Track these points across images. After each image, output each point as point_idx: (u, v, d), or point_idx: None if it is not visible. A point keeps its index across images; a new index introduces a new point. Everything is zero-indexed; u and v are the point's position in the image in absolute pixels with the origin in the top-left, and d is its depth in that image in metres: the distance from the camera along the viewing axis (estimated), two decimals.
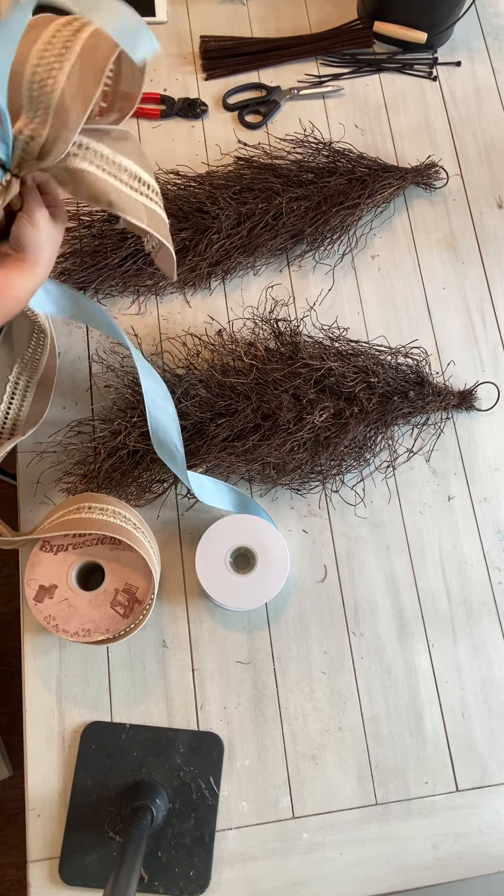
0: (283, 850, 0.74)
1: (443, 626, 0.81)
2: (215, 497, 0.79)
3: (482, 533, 0.85)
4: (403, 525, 0.85)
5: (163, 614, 0.80)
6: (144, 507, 0.83)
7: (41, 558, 0.74)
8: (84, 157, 0.58)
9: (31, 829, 0.73)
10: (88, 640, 0.73)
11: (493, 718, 0.79)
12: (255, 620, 0.80)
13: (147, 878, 0.71)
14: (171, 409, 0.74)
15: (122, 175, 0.60)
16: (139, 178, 0.62)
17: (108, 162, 0.59)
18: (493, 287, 0.95)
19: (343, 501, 0.85)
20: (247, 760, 0.76)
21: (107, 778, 0.74)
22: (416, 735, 0.78)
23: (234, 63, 1.02)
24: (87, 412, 0.86)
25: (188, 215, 0.90)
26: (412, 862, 0.75)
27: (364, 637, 0.81)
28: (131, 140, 0.61)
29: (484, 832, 0.76)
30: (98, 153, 0.59)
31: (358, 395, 0.84)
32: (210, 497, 0.78)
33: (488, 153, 1.01)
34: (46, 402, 0.83)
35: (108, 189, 0.59)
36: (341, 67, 1.03)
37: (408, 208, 0.98)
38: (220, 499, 0.79)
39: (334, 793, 0.76)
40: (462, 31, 1.06)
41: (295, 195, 0.92)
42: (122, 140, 0.60)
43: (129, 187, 0.61)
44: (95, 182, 0.58)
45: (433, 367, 0.90)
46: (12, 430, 0.82)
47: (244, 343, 0.87)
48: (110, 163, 0.59)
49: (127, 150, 0.61)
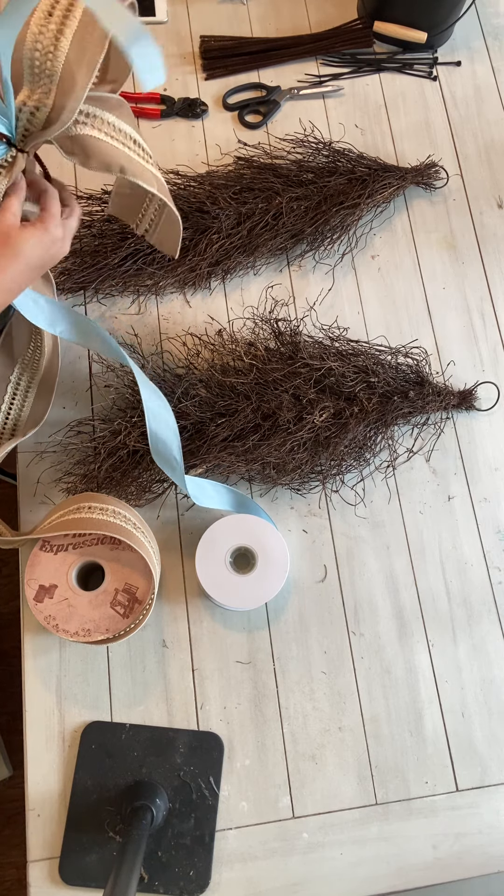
0: (283, 850, 0.74)
1: (443, 626, 0.81)
2: (214, 499, 0.79)
3: (482, 533, 0.85)
4: (403, 525, 0.85)
5: (163, 614, 0.80)
6: (144, 507, 0.83)
7: (41, 558, 0.74)
8: (91, 124, 0.58)
9: (31, 829, 0.73)
10: (88, 640, 0.73)
11: (493, 718, 0.79)
12: (255, 620, 0.80)
13: (147, 878, 0.71)
14: (171, 422, 0.74)
15: (128, 142, 0.61)
16: (140, 144, 0.62)
17: (115, 129, 0.59)
18: (493, 287, 0.95)
19: (343, 501, 0.85)
20: (247, 760, 0.76)
21: (107, 778, 0.74)
22: (416, 735, 0.78)
23: (234, 63, 1.02)
24: (87, 412, 0.86)
25: (188, 215, 0.90)
26: (412, 862, 0.74)
27: (364, 637, 0.81)
28: (125, 107, 0.61)
29: (484, 832, 0.76)
30: (104, 120, 0.58)
31: (358, 394, 0.84)
32: (209, 500, 0.78)
33: (488, 153, 1.01)
34: (48, 402, 0.83)
35: (119, 155, 0.59)
36: (341, 67, 1.03)
37: (408, 208, 0.98)
38: (220, 500, 0.80)
39: (334, 793, 0.76)
40: (462, 31, 1.06)
41: (295, 195, 0.92)
42: (120, 107, 0.60)
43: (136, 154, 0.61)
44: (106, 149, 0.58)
45: (433, 366, 0.90)
46: (13, 431, 0.82)
47: (244, 343, 0.87)
48: (116, 129, 0.59)
49: (123, 116, 0.61)
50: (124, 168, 0.60)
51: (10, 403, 0.82)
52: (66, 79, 0.54)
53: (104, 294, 0.91)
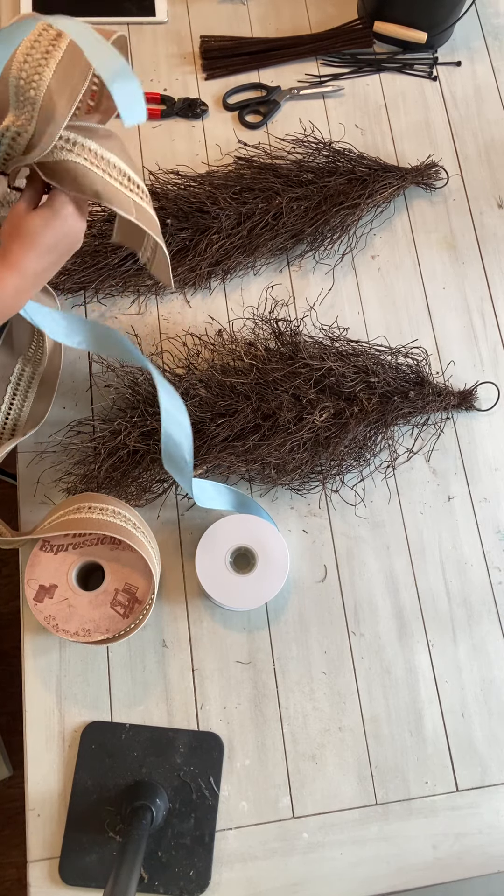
0: (283, 850, 0.74)
1: (443, 626, 0.81)
2: (216, 500, 0.79)
3: (482, 533, 0.85)
4: (403, 525, 0.85)
5: (163, 614, 0.80)
6: (144, 507, 0.83)
7: (41, 558, 0.74)
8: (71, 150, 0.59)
9: (31, 829, 0.73)
10: (88, 640, 0.73)
11: (493, 718, 0.79)
12: (255, 620, 0.80)
13: (147, 878, 0.71)
14: (186, 426, 0.73)
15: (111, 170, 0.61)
16: (127, 175, 0.63)
17: (96, 156, 0.60)
18: (493, 287, 0.95)
19: (343, 501, 0.85)
20: (247, 760, 0.76)
21: (107, 778, 0.74)
22: (416, 735, 0.78)
23: (234, 63, 1.02)
24: (87, 412, 0.86)
25: (188, 215, 0.90)
26: (412, 862, 0.75)
27: (364, 637, 0.81)
28: (116, 139, 0.62)
29: (484, 832, 0.76)
30: (85, 147, 0.59)
31: (358, 395, 0.84)
32: (211, 500, 0.78)
33: (488, 153, 1.01)
34: (49, 401, 0.83)
35: (95, 179, 0.59)
36: (341, 67, 1.03)
37: (408, 208, 0.98)
38: (221, 501, 0.80)
39: (334, 793, 0.76)
40: (462, 31, 1.06)
41: (295, 195, 0.92)
42: (108, 139, 0.61)
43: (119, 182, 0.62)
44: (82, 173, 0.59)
45: (433, 367, 0.90)
46: (13, 430, 0.83)
47: (244, 343, 0.87)
48: (98, 157, 0.60)
49: (113, 149, 0.61)
50: (99, 192, 0.60)
51: (11, 402, 0.82)
52: (47, 107, 0.56)
53: (104, 294, 0.91)
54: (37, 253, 0.59)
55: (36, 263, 0.60)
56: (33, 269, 0.60)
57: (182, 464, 0.73)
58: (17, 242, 0.59)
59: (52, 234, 0.59)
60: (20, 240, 0.59)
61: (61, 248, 0.61)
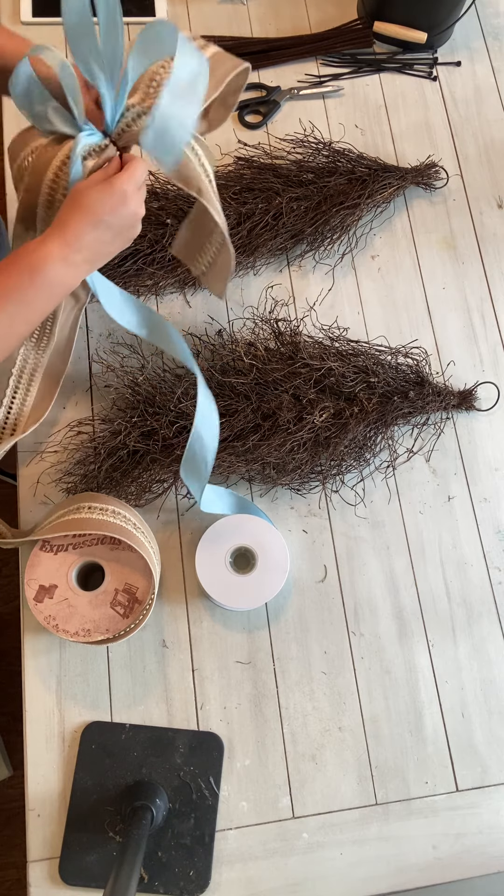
0: (283, 850, 0.74)
1: (443, 626, 0.81)
2: (216, 503, 0.79)
3: (482, 533, 0.85)
4: (403, 525, 0.85)
5: (163, 614, 0.80)
6: (144, 507, 0.83)
7: (41, 558, 0.75)
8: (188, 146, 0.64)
9: (31, 829, 0.73)
10: (88, 640, 0.73)
11: (493, 718, 0.79)
12: (255, 620, 0.80)
13: (147, 878, 0.71)
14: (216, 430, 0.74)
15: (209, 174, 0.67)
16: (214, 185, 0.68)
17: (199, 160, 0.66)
18: (493, 287, 0.95)
19: (343, 501, 0.85)
20: (247, 760, 0.76)
21: (107, 778, 0.74)
22: (416, 735, 0.78)
23: None
24: (87, 412, 0.86)
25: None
26: (412, 862, 0.75)
27: (364, 637, 0.81)
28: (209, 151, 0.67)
29: (484, 832, 0.76)
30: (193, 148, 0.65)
31: (358, 395, 0.84)
32: (211, 504, 0.78)
33: (488, 153, 1.01)
34: (52, 396, 0.82)
35: (200, 178, 0.65)
36: (341, 67, 1.03)
37: (408, 208, 0.98)
38: (222, 505, 0.79)
39: (334, 793, 0.76)
40: (462, 31, 1.06)
41: (295, 195, 0.92)
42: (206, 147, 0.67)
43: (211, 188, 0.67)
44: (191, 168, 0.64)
45: (433, 367, 0.90)
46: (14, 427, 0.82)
47: (244, 343, 0.87)
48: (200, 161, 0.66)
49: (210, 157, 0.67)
50: (201, 190, 0.65)
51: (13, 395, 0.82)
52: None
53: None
54: (90, 226, 0.61)
55: (88, 235, 0.61)
56: (85, 242, 0.61)
57: (202, 467, 0.74)
58: (73, 213, 0.61)
59: (106, 209, 0.61)
60: (76, 210, 0.61)
61: (115, 225, 0.62)
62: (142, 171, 0.62)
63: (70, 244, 0.60)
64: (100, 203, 0.60)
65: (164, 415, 0.81)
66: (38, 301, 0.61)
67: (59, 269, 0.61)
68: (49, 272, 0.60)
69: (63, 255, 0.60)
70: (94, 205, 0.60)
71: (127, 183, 0.61)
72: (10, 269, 0.60)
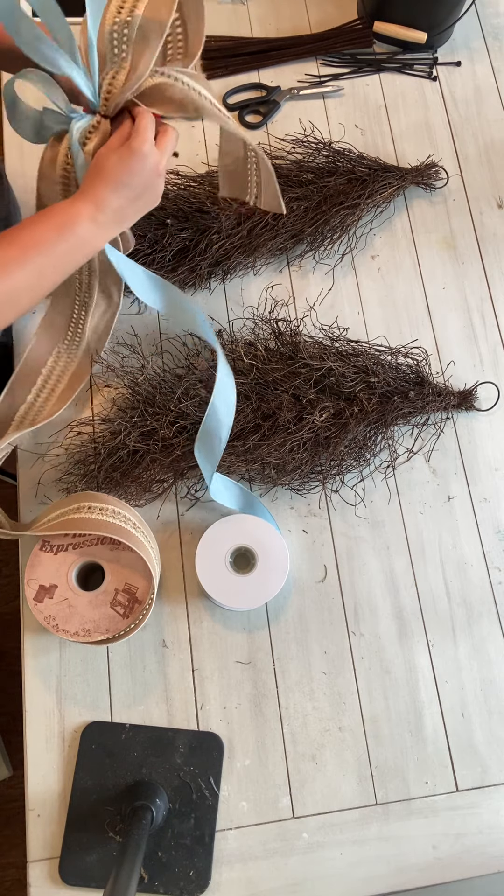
0: (283, 850, 0.74)
1: (443, 626, 0.81)
2: (223, 494, 0.79)
3: (482, 533, 0.85)
4: (403, 525, 0.85)
5: (163, 614, 0.80)
6: (144, 507, 0.83)
7: (41, 558, 0.74)
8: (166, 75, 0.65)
9: (31, 829, 0.73)
10: (88, 640, 0.73)
11: (493, 718, 0.79)
12: (255, 620, 0.80)
13: (147, 878, 0.71)
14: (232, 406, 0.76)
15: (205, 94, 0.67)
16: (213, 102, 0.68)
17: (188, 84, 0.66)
18: (493, 287, 0.95)
19: (343, 501, 0.85)
20: (247, 760, 0.76)
21: (107, 778, 0.74)
22: (416, 735, 0.78)
23: (234, 63, 1.02)
24: (87, 412, 0.86)
25: (188, 215, 0.90)
26: (412, 862, 0.74)
27: (364, 637, 0.81)
28: (202, 78, 0.68)
29: (484, 832, 0.76)
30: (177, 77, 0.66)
31: (358, 395, 0.84)
32: (218, 494, 0.78)
33: (488, 153, 1.01)
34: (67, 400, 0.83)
35: (193, 97, 0.66)
36: (341, 67, 1.03)
37: (408, 208, 0.98)
38: (229, 496, 0.80)
39: (334, 793, 0.76)
40: (462, 31, 1.06)
41: (295, 195, 0.92)
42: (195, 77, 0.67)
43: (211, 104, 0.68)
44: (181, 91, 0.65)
45: (433, 367, 0.90)
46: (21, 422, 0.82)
47: (244, 343, 0.87)
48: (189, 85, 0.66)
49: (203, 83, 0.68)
50: (199, 108, 0.66)
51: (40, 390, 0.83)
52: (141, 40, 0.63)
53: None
54: (113, 187, 0.63)
55: (113, 198, 0.63)
56: (111, 203, 0.63)
57: (216, 442, 0.75)
58: (97, 178, 0.63)
59: (126, 171, 0.63)
60: (99, 175, 0.63)
61: (137, 187, 0.64)
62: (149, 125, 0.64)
63: (98, 205, 0.63)
64: (118, 167, 0.63)
65: (164, 415, 0.81)
66: (66, 257, 0.64)
67: (88, 228, 0.63)
68: (78, 229, 0.63)
69: (91, 215, 0.63)
70: (113, 169, 0.63)
71: (139, 142, 0.63)
72: (41, 224, 0.62)
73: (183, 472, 0.83)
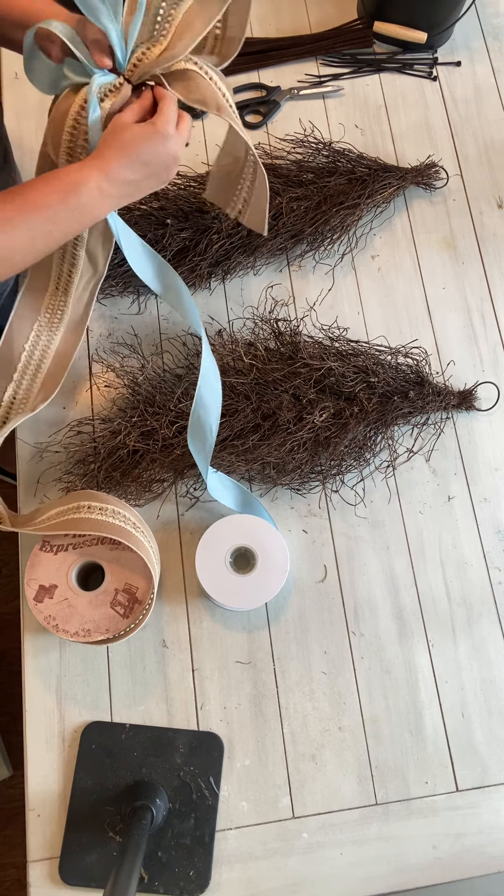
0: (283, 850, 0.74)
1: (443, 626, 0.81)
2: (220, 491, 0.79)
3: (482, 533, 0.85)
4: (403, 525, 0.85)
5: (163, 614, 0.80)
6: (144, 507, 0.83)
7: (41, 558, 0.74)
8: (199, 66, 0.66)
9: (31, 829, 0.73)
10: (88, 640, 0.73)
11: (493, 718, 0.79)
12: (255, 620, 0.80)
13: (147, 878, 0.71)
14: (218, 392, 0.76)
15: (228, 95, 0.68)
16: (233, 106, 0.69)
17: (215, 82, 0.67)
18: (493, 287, 0.95)
19: (343, 501, 0.85)
20: (247, 760, 0.76)
21: (107, 778, 0.74)
22: (416, 735, 0.78)
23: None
24: (87, 412, 0.86)
25: (188, 215, 0.90)
26: (412, 862, 0.74)
27: (364, 637, 0.81)
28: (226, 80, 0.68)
29: (484, 832, 0.76)
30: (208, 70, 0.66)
31: (358, 395, 0.84)
32: (215, 491, 0.78)
33: (488, 153, 1.01)
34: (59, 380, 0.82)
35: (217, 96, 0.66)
36: (341, 67, 1.03)
37: (408, 208, 0.98)
38: (227, 495, 0.80)
39: (334, 793, 0.76)
40: (462, 31, 1.06)
41: (295, 195, 0.92)
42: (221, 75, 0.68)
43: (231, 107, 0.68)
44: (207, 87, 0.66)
45: (433, 367, 0.90)
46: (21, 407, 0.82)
47: (244, 343, 0.87)
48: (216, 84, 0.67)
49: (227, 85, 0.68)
50: (220, 107, 0.66)
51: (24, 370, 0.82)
52: (185, 24, 0.64)
53: (104, 294, 0.91)
54: (128, 161, 0.62)
55: (125, 171, 0.62)
56: (121, 175, 0.62)
57: (207, 431, 0.75)
58: (113, 147, 0.62)
59: (147, 148, 0.62)
60: (116, 144, 0.62)
61: (153, 166, 0.64)
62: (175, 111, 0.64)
63: (107, 176, 0.62)
64: (140, 140, 0.62)
65: (164, 415, 0.81)
66: (65, 222, 0.63)
67: (93, 196, 0.62)
68: (83, 196, 0.61)
69: (98, 183, 0.62)
70: (134, 141, 0.62)
71: (164, 123, 0.62)
72: (45, 186, 0.61)
73: (182, 471, 0.83)
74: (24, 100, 0.99)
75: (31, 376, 0.82)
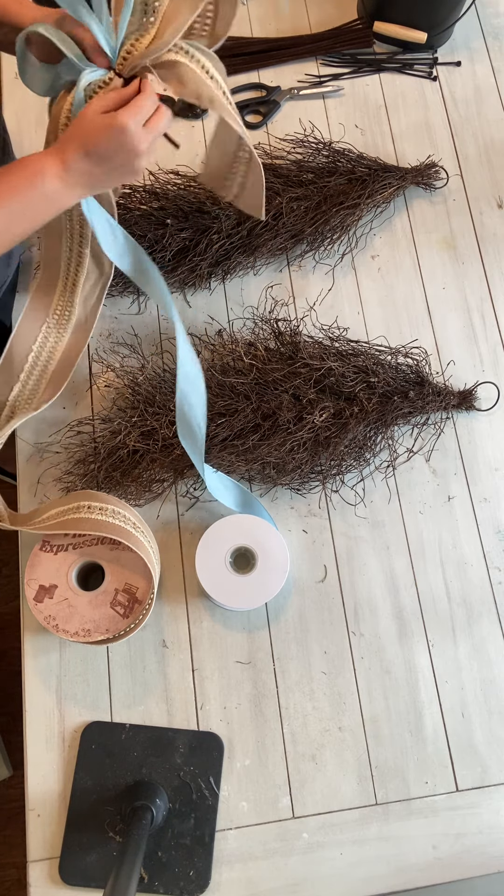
0: (283, 850, 0.74)
1: (443, 626, 0.81)
2: (220, 491, 0.79)
3: (482, 533, 0.85)
4: (403, 525, 0.85)
5: (163, 614, 0.80)
6: (144, 507, 0.83)
7: (41, 558, 0.74)
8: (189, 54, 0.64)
9: (31, 829, 0.73)
10: (88, 640, 0.73)
11: (493, 718, 0.79)
12: (255, 620, 0.80)
13: (147, 878, 0.71)
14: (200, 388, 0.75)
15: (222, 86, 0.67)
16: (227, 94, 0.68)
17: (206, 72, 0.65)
18: (493, 287, 0.95)
19: (343, 501, 0.85)
20: (247, 760, 0.76)
21: (107, 778, 0.74)
22: (416, 735, 0.78)
23: (234, 63, 1.02)
24: (87, 412, 0.86)
25: (188, 215, 0.90)
26: (412, 862, 0.74)
27: (364, 637, 0.81)
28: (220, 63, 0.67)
29: (484, 832, 0.76)
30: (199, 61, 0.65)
31: (358, 395, 0.84)
32: (215, 491, 0.78)
33: (488, 153, 1.01)
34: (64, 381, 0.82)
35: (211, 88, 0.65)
36: (341, 67, 1.03)
37: (408, 208, 0.98)
38: (227, 495, 0.80)
39: (334, 793, 0.76)
40: (462, 31, 1.06)
41: (295, 195, 0.92)
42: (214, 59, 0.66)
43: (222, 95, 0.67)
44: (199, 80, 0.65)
45: (433, 367, 0.90)
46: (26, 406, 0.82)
47: (244, 343, 0.87)
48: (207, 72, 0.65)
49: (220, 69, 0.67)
50: (213, 100, 0.65)
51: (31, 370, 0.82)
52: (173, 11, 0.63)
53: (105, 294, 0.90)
54: (86, 152, 0.61)
55: (83, 163, 0.61)
56: (80, 167, 0.61)
57: (194, 426, 0.74)
58: (72, 137, 0.61)
59: (105, 141, 0.61)
60: (75, 133, 0.61)
61: (114, 160, 0.62)
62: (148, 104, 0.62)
63: (66, 166, 0.61)
64: (96, 133, 0.61)
65: (164, 415, 0.81)
66: (36, 208, 0.62)
67: (55, 185, 0.61)
68: (46, 185, 0.61)
69: (57, 173, 0.61)
70: (91, 132, 0.61)
71: (128, 117, 0.60)
72: (14, 172, 0.61)
73: (182, 471, 0.83)
74: (23, 97, 1.00)
75: (38, 376, 0.83)
